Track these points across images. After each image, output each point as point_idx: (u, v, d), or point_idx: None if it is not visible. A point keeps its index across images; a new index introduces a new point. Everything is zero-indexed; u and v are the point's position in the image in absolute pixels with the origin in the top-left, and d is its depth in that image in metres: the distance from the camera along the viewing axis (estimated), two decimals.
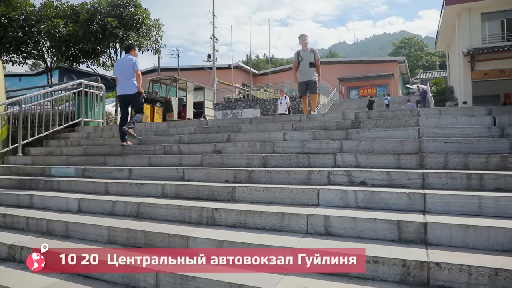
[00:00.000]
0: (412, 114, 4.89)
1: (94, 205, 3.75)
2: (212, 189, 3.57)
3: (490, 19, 17.04)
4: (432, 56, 56.41)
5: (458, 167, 3.36)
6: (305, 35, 7.02)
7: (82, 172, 4.91)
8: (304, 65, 6.87)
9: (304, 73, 6.88)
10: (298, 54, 7.00)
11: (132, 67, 5.63)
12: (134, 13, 9.27)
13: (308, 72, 6.84)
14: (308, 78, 6.85)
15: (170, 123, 6.99)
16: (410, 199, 2.84)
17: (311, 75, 6.85)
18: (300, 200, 3.18)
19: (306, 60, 6.86)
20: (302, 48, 7.00)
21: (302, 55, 6.92)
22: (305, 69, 6.87)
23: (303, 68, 6.89)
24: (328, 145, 4.22)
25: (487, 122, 4.22)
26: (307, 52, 6.92)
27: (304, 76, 6.89)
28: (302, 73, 6.91)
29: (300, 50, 7.02)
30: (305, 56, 6.89)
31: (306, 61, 6.86)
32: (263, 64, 68.51)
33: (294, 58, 7.16)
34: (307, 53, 6.91)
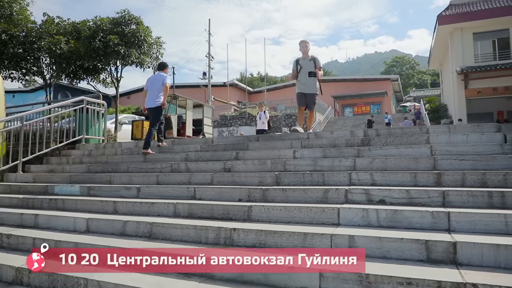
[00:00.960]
0: (421, 131, 4.90)
1: (104, 225, 3.64)
2: (227, 208, 3.49)
3: (481, 39, 17.48)
4: (424, 74, 57.53)
5: (476, 184, 3.34)
6: (306, 41, 6.31)
7: (88, 191, 4.80)
8: (303, 74, 6.15)
9: (303, 83, 6.19)
10: (297, 62, 6.30)
11: (161, 82, 6.17)
12: (136, 31, 9.31)
13: (308, 83, 6.13)
14: (307, 90, 6.18)
15: (174, 140, 6.92)
16: (434, 218, 2.80)
17: (311, 86, 6.15)
18: (320, 219, 3.12)
19: (306, 69, 6.13)
20: (302, 55, 6.30)
21: (301, 64, 6.22)
22: (304, 79, 6.15)
23: (302, 78, 6.18)
24: (341, 163, 4.19)
25: (498, 140, 4.23)
26: (307, 60, 6.21)
27: (303, 87, 6.21)
28: (300, 84, 6.24)
29: (300, 58, 6.33)
30: (305, 64, 6.17)
31: (305, 70, 6.12)
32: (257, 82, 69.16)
33: (293, 66, 6.40)
34: (306, 61, 6.20)
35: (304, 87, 6.20)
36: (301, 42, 6.36)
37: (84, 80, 10.11)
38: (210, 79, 34.92)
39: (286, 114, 28.55)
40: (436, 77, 55.75)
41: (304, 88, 6.20)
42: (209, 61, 35.07)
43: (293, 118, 27.42)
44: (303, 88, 6.22)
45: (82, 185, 4.94)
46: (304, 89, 6.21)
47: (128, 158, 6.01)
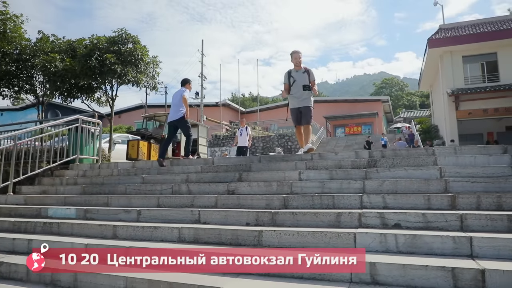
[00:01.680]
0: (427, 153, 4.85)
1: None
2: (236, 233, 3.33)
3: (471, 62, 17.93)
4: (413, 96, 58.69)
5: (491, 208, 3.26)
6: (299, 51, 5.73)
7: (84, 214, 4.58)
8: (297, 88, 5.63)
9: (297, 98, 5.68)
10: (290, 74, 5.73)
11: (181, 96, 6.53)
12: (133, 50, 9.26)
13: (302, 96, 5.65)
14: (301, 104, 5.68)
15: (173, 161, 6.76)
16: (456, 243, 2.69)
17: (306, 100, 5.68)
18: (335, 245, 2.98)
19: (300, 81, 5.62)
20: (294, 67, 5.76)
21: (294, 76, 5.68)
22: (298, 93, 5.65)
23: (295, 92, 5.66)
24: (350, 185, 4.09)
25: (506, 161, 4.20)
26: (300, 72, 5.70)
27: (297, 101, 5.70)
28: (294, 98, 5.71)
29: (292, 70, 5.77)
30: (298, 77, 5.66)
31: (299, 83, 5.61)
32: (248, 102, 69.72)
33: (284, 79, 5.83)
34: (300, 74, 5.68)
35: (299, 102, 5.71)
36: (293, 53, 5.77)
37: (78, 98, 9.95)
38: (203, 99, 35.01)
39: (279, 134, 28.60)
40: (424, 99, 56.97)
41: (299, 103, 5.71)
42: (202, 81, 35.26)
43: (286, 138, 27.49)
44: (297, 102, 5.72)
45: (78, 207, 4.73)
46: (298, 104, 5.72)
47: (126, 179, 5.82)
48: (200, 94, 35.88)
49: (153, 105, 38.25)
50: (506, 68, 17.16)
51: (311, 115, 5.79)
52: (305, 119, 5.74)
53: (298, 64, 5.73)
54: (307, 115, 5.74)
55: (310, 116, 5.77)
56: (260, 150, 28.17)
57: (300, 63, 5.73)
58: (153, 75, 10.04)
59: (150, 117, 11.41)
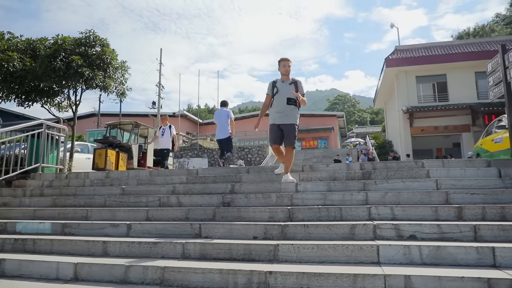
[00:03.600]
0: (417, 165, 4.99)
1: (99, 270, 3.05)
2: (248, 248, 3.12)
3: (423, 82, 19.23)
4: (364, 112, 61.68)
5: (496, 218, 3.37)
6: (288, 59, 4.95)
7: (62, 228, 4.09)
8: (280, 100, 4.80)
9: (279, 112, 4.80)
10: (274, 84, 4.93)
11: (226, 117, 7.78)
12: (102, 53, 8.69)
13: (286, 111, 4.77)
14: (284, 120, 4.78)
15: (152, 171, 6.35)
16: (479, 254, 2.72)
17: (289, 116, 4.78)
18: (358, 258, 2.89)
19: (284, 93, 4.79)
20: (282, 77, 4.97)
21: (279, 87, 4.86)
22: (281, 106, 4.79)
23: (278, 105, 4.82)
24: (352, 196, 4.05)
25: (494, 174, 4.41)
26: (286, 83, 4.86)
27: (278, 116, 4.81)
28: (276, 113, 4.84)
29: (278, 80, 4.98)
30: (284, 88, 4.83)
31: (283, 95, 4.79)
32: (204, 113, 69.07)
33: (268, 89, 5.01)
34: (286, 85, 4.85)
35: (281, 117, 4.79)
36: (282, 60, 4.95)
37: (38, 102, 9.09)
38: (160, 108, 34.08)
39: (238, 147, 28.53)
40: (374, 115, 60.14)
41: (281, 118, 4.79)
42: (159, 90, 34.35)
43: (246, 150, 27.46)
44: (279, 118, 4.81)
45: (54, 221, 4.22)
46: (280, 120, 4.80)
47: (102, 190, 5.34)
48: (157, 103, 34.93)
49: (107, 114, 36.47)
50: (454, 89, 18.61)
51: (295, 135, 4.81)
52: (288, 139, 4.79)
53: (287, 74, 4.92)
54: (291, 135, 4.77)
55: (294, 136, 4.79)
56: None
57: (288, 72, 4.92)
58: (121, 80, 9.49)
59: (115, 124, 10.77)
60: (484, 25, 40.69)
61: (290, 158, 4.84)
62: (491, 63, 6.14)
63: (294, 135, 4.81)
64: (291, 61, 4.99)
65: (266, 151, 27.01)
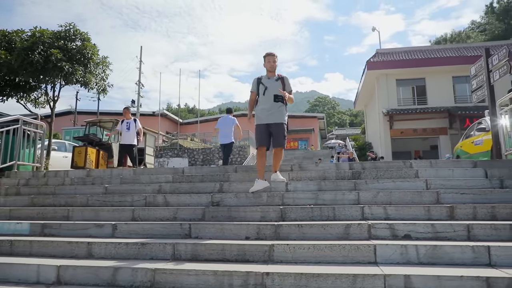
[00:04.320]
0: (405, 165, 5.02)
1: (84, 273, 2.88)
2: (242, 248, 3.02)
3: (403, 85, 19.64)
4: (343, 114, 62.57)
5: (487, 218, 3.41)
6: (274, 54, 4.65)
7: (41, 229, 3.87)
8: (267, 98, 4.50)
9: (266, 110, 4.51)
10: (260, 81, 4.63)
11: (232, 124, 8.40)
12: (82, 47, 8.37)
13: (273, 109, 4.49)
14: (271, 119, 4.48)
15: (136, 170, 6.15)
16: (475, 253, 2.73)
17: (277, 114, 4.50)
18: (355, 258, 2.85)
19: (271, 90, 4.49)
20: (267, 73, 4.67)
21: (265, 83, 4.56)
22: (268, 104, 4.50)
23: (265, 103, 4.52)
24: (344, 196, 4.02)
25: (481, 174, 4.49)
26: (272, 79, 4.58)
27: (266, 115, 4.51)
28: (263, 111, 4.54)
29: (263, 76, 4.67)
30: (270, 85, 4.53)
31: (270, 93, 4.49)
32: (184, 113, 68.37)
33: (252, 87, 4.72)
34: (272, 82, 4.55)
35: (268, 116, 4.50)
36: (267, 55, 4.65)
37: (13, 97, 8.65)
38: (140, 107, 33.47)
39: (219, 147, 28.32)
40: (353, 118, 61.12)
41: (268, 117, 4.50)
42: (139, 88, 33.73)
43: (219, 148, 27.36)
44: (266, 116, 4.51)
45: (32, 222, 3.99)
46: (267, 119, 4.50)
47: (83, 189, 5.11)
48: (136, 102, 34.30)
49: (83, 112, 35.47)
50: (432, 93, 19.09)
51: (284, 135, 4.53)
52: (277, 140, 4.49)
53: (272, 70, 4.62)
54: (280, 135, 4.48)
55: (284, 136, 4.52)
56: (200, 163, 27.63)
57: (274, 68, 4.62)
58: (103, 76, 9.18)
59: (95, 122, 10.42)
60: (460, 31, 42.13)
61: (280, 158, 4.65)
62: (475, 67, 6.28)
63: (283, 135, 4.52)
64: (276, 56, 4.67)
65: (247, 152, 26.94)
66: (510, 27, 37.15)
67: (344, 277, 2.48)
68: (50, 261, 3.07)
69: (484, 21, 41.75)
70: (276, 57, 4.67)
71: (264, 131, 4.52)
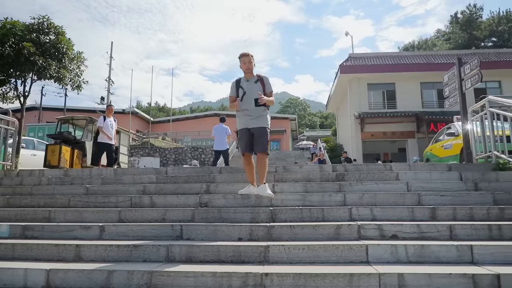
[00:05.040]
0: (385, 168, 5.23)
1: (75, 277, 2.79)
2: (237, 249, 3.05)
3: (374, 89, 20.32)
4: (314, 116, 63.68)
5: (465, 218, 3.63)
6: (249, 54, 4.38)
7: (22, 231, 3.72)
8: (247, 103, 4.28)
9: (248, 115, 4.32)
10: (239, 84, 4.40)
11: (225, 132, 9.55)
12: (57, 41, 8.03)
13: (255, 113, 4.30)
14: (254, 124, 4.31)
15: (117, 170, 6.00)
16: (459, 251, 2.90)
17: (260, 118, 4.32)
18: (347, 258, 2.95)
19: (252, 94, 4.26)
20: (245, 75, 4.42)
21: (244, 87, 4.35)
22: (249, 108, 4.28)
23: (246, 107, 4.30)
24: (331, 198, 4.14)
25: (456, 177, 4.75)
26: (252, 81, 4.36)
27: (247, 120, 4.34)
28: (244, 116, 4.35)
29: (242, 78, 4.43)
30: (250, 88, 4.32)
31: (250, 96, 4.26)
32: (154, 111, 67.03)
33: (230, 91, 4.49)
34: (252, 84, 4.34)
35: (250, 120, 4.32)
36: (241, 56, 4.38)
37: None
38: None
39: (192, 147, 28.14)
40: (324, 119, 62.36)
41: (250, 122, 4.32)
42: (109, 85, 32.77)
43: (199, 150, 27.14)
44: (247, 121, 4.33)
45: (12, 223, 3.82)
46: (249, 123, 4.32)
47: (63, 189, 4.95)
48: (106, 99, 33.33)
49: (48, 108, 33.95)
50: (401, 97, 19.88)
51: (267, 140, 4.34)
52: (259, 144, 4.28)
53: (249, 71, 4.36)
54: (262, 139, 4.29)
55: (267, 140, 4.33)
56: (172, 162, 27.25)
57: (250, 69, 4.36)
58: (78, 72, 8.85)
59: (67, 119, 10.03)
60: (427, 39, 44.15)
61: (264, 166, 4.31)
62: (448, 75, 6.64)
63: (266, 139, 4.32)
64: (252, 56, 4.38)
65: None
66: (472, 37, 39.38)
67: (341, 277, 2.56)
68: (38, 265, 2.96)
69: (449, 30, 43.97)
70: (252, 57, 4.38)
71: (247, 136, 4.34)
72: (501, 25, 38.55)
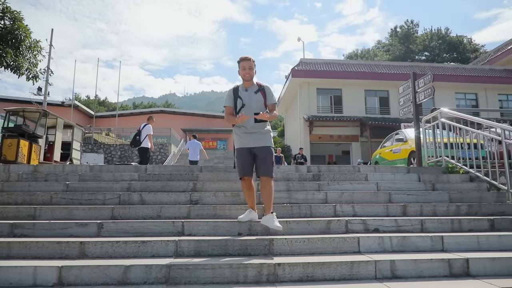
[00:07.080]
0: (354, 170, 5.77)
1: (90, 273, 2.83)
2: (244, 243, 3.29)
3: (323, 94, 21.44)
4: None
5: (429, 214, 4.23)
6: (250, 58, 3.66)
7: (11, 229, 3.58)
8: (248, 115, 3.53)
9: (248, 132, 3.64)
10: (237, 94, 3.68)
11: (198, 147, 11.98)
12: (14, 28, 7.46)
13: (255, 130, 3.64)
14: (255, 143, 3.62)
15: (93, 166, 5.82)
16: (433, 241, 3.44)
17: (262, 136, 3.66)
18: (342, 249, 3.34)
19: (251, 107, 3.61)
20: (243, 83, 3.72)
21: (243, 97, 3.64)
22: (249, 123, 3.61)
23: (246, 122, 3.58)
24: (314, 196, 4.53)
25: (415, 179, 5.42)
26: (251, 91, 3.67)
27: (246, 138, 3.65)
28: (242, 134, 3.66)
29: (240, 86, 3.74)
30: (250, 98, 3.64)
31: (250, 109, 3.59)
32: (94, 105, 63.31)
33: (226, 100, 3.75)
34: (251, 94, 3.65)
35: (249, 138, 3.64)
36: (242, 61, 3.66)
37: None
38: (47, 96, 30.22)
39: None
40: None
41: (250, 140, 3.64)
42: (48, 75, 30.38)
43: None
44: (247, 139, 3.65)
45: None
46: (250, 142, 3.64)
47: (39, 186, 4.76)
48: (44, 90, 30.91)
49: None
50: (347, 103, 21.24)
51: (272, 161, 3.66)
52: (264, 167, 3.60)
53: (248, 79, 3.66)
54: (267, 161, 3.60)
55: (272, 162, 3.65)
56: (117, 159, 26.22)
57: (251, 76, 3.67)
58: (34, 62, 8.29)
59: (17, 111, 9.31)
60: (369, 49, 47.50)
61: (270, 193, 3.56)
62: (403, 86, 7.43)
63: (271, 161, 3.64)
64: (253, 61, 3.68)
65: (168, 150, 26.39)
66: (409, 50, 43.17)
67: (343, 265, 2.93)
68: (49, 262, 2.93)
69: (388, 42, 47.73)
70: (254, 63, 3.68)
71: (247, 157, 3.64)
72: (432, 41, 42.74)
